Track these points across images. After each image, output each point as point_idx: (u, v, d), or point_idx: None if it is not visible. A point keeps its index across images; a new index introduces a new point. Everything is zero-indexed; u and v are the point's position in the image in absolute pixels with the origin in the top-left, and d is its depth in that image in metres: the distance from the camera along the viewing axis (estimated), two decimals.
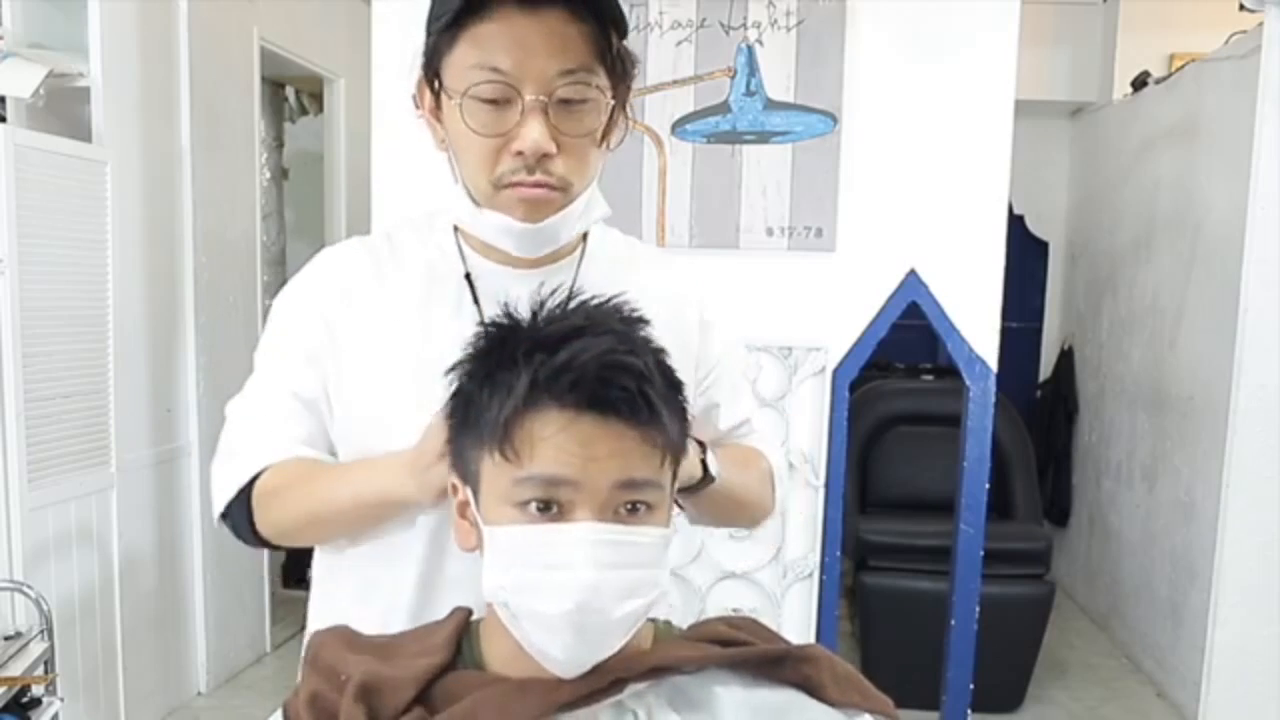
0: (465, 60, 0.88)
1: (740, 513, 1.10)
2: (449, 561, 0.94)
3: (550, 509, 0.73)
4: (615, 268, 1.01)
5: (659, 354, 0.78)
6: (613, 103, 0.91)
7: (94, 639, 2.69)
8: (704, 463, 0.95)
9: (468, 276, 0.97)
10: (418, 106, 0.97)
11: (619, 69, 0.90)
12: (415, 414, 0.89)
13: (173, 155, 3.05)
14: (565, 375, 0.72)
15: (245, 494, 0.97)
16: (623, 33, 0.90)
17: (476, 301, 0.96)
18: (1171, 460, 3.48)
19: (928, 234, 2.27)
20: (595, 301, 0.77)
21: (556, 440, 0.72)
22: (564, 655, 0.74)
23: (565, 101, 0.87)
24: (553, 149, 0.87)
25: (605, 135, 0.92)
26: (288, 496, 0.95)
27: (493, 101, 0.87)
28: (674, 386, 0.79)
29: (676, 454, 0.79)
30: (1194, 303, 3.37)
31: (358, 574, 0.99)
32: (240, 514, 0.97)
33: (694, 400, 0.99)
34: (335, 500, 0.93)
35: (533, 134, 0.86)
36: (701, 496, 0.97)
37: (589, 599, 0.71)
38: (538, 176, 0.88)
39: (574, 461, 0.72)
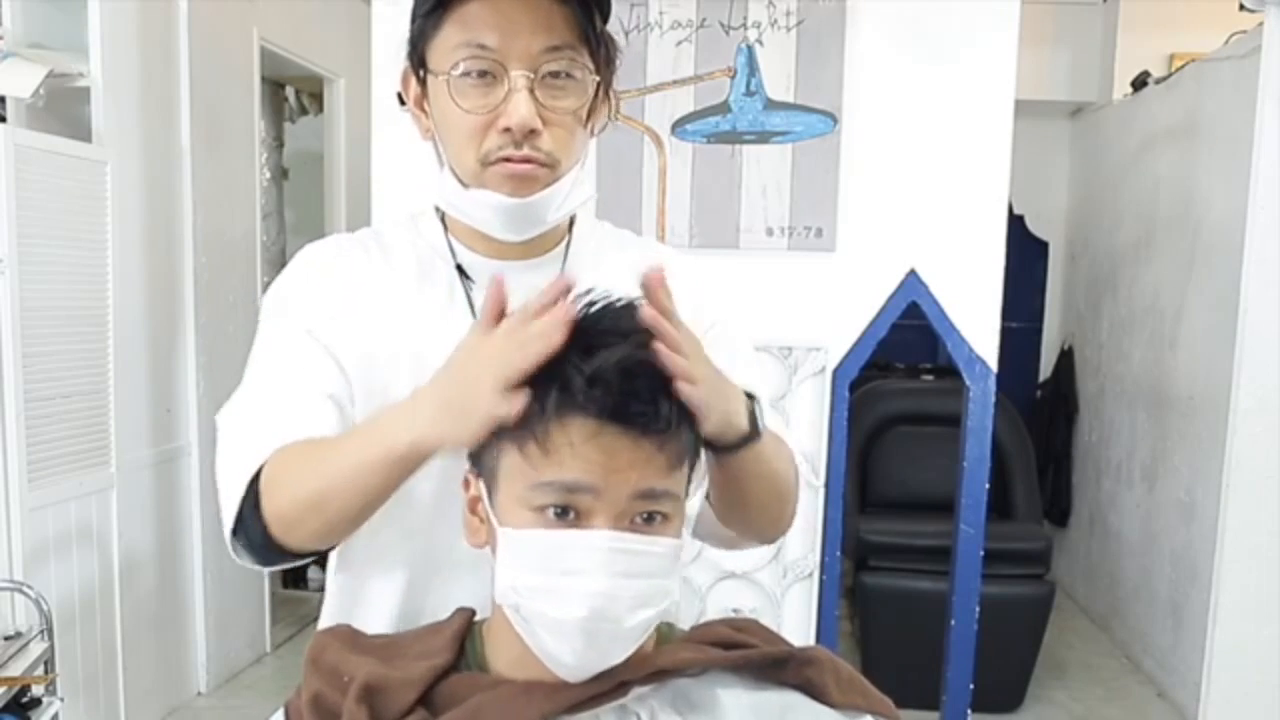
0: (451, 40, 0.89)
1: (767, 499, 0.95)
2: (441, 571, 0.94)
3: (567, 515, 0.73)
4: (601, 254, 1.01)
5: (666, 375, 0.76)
6: (597, 79, 0.92)
7: (94, 639, 2.69)
8: (753, 416, 0.84)
9: (459, 268, 0.97)
10: (402, 102, 0.98)
11: (602, 51, 0.92)
12: None
13: (173, 155, 3.05)
14: (593, 386, 0.71)
15: (255, 491, 0.85)
16: (605, 15, 0.92)
17: (469, 295, 0.96)
18: (1171, 460, 3.48)
19: (928, 234, 2.27)
20: (618, 303, 0.76)
21: (581, 449, 0.72)
22: (574, 661, 0.74)
23: (552, 77, 0.88)
24: (539, 125, 0.88)
25: (590, 116, 0.93)
26: (288, 478, 0.83)
27: (479, 78, 0.88)
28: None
29: (692, 463, 0.80)
30: (1194, 303, 3.37)
31: (357, 588, 0.99)
32: (251, 516, 0.86)
33: None
34: (337, 470, 0.80)
35: (520, 109, 0.87)
36: (736, 462, 0.85)
37: (603, 606, 0.71)
38: (525, 151, 0.88)
39: (596, 470, 0.72)
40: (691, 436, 0.78)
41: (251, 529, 0.86)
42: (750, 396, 0.85)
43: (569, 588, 0.72)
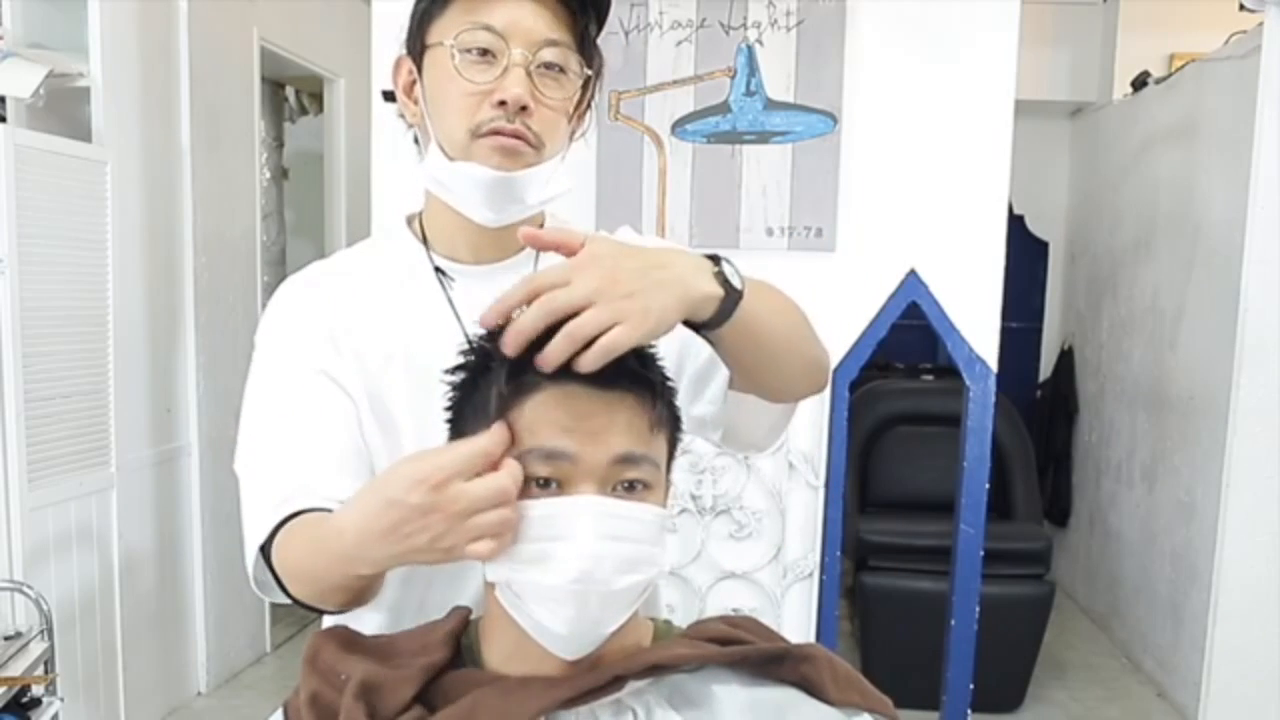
0: (456, 20, 0.92)
1: (789, 355, 0.95)
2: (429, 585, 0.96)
3: (550, 486, 0.74)
4: None
5: None
6: (589, 73, 0.96)
7: (94, 639, 2.69)
8: (721, 276, 0.81)
9: (438, 270, 0.99)
10: (388, 98, 1.00)
11: (595, 58, 0.97)
12: (408, 407, 0.93)
13: (173, 155, 3.05)
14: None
15: (269, 551, 0.87)
16: (601, 23, 0.97)
17: (448, 293, 0.98)
18: (1171, 460, 3.48)
19: (928, 234, 2.27)
20: None
21: (553, 415, 0.74)
22: (567, 629, 0.74)
23: (546, 68, 0.92)
24: (531, 102, 0.91)
25: (575, 112, 0.97)
26: (293, 570, 0.85)
27: (480, 54, 0.91)
28: (657, 364, 0.80)
29: (670, 430, 0.81)
30: (1194, 303, 3.37)
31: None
32: (275, 577, 0.87)
33: (687, 362, 1.00)
34: (325, 575, 0.81)
35: (516, 86, 0.90)
36: (732, 329, 0.82)
37: (591, 568, 0.72)
38: (516, 126, 0.91)
39: (571, 435, 0.73)
40: (666, 401, 0.79)
41: (278, 587, 0.87)
42: (714, 259, 0.83)
43: (557, 553, 0.72)
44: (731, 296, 0.81)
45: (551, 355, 0.72)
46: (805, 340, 0.98)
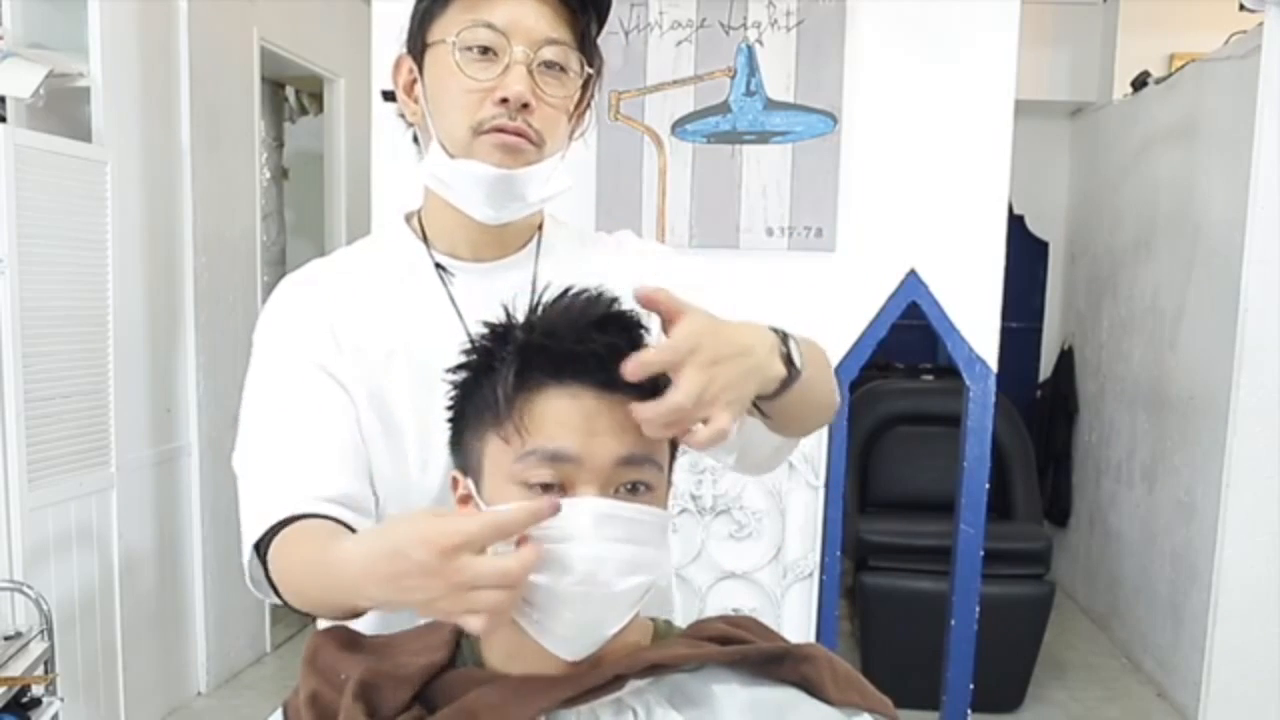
0: (457, 18, 0.92)
1: (817, 409, 0.99)
2: None
3: (553, 489, 0.74)
4: (572, 254, 1.03)
5: (636, 327, 0.78)
6: (590, 72, 0.96)
7: (94, 639, 2.69)
8: (788, 357, 0.84)
9: (439, 266, 0.99)
10: (388, 98, 1.00)
11: (593, 59, 0.97)
12: (410, 404, 0.94)
13: (173, 155, 3.05)
14: (554, 350, 0.73)
15: (265, 551, 0.87)
16: (601, 23, 0.97)
17: (449, 288, 0.98)
18: (1171, 460, 3.48)
19: (928, 234, 2.27)
20: (586, 294, 0.78)
21: (556, 415, 0.74)
22: (569, 631, 0.74)
23: (546, 67, 0.93)
24: (533, 101, 0.92)
25: (575, 111, 0.98)
26: (290, 581, 0.85)
27: (482, 52, 0.91)
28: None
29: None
30: (1194, 303, 3.37)
31: None
32: (268, 579, 0.86)
33: None
34: (323, 598, 0.81)
35: (518, 83, 0.91)
36: (784, 400, 0.85)
37: (594, 570, 0.72)
38: (517, 123, 0.92)
39: (575, 436, 0.73)
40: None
41: (271, 589, 0.87)
42: (780, 335, 0.85)
43: (560, 555, 0.72)
44: (793, 375, 0.84)
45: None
46: (828, 392, 1.00)
